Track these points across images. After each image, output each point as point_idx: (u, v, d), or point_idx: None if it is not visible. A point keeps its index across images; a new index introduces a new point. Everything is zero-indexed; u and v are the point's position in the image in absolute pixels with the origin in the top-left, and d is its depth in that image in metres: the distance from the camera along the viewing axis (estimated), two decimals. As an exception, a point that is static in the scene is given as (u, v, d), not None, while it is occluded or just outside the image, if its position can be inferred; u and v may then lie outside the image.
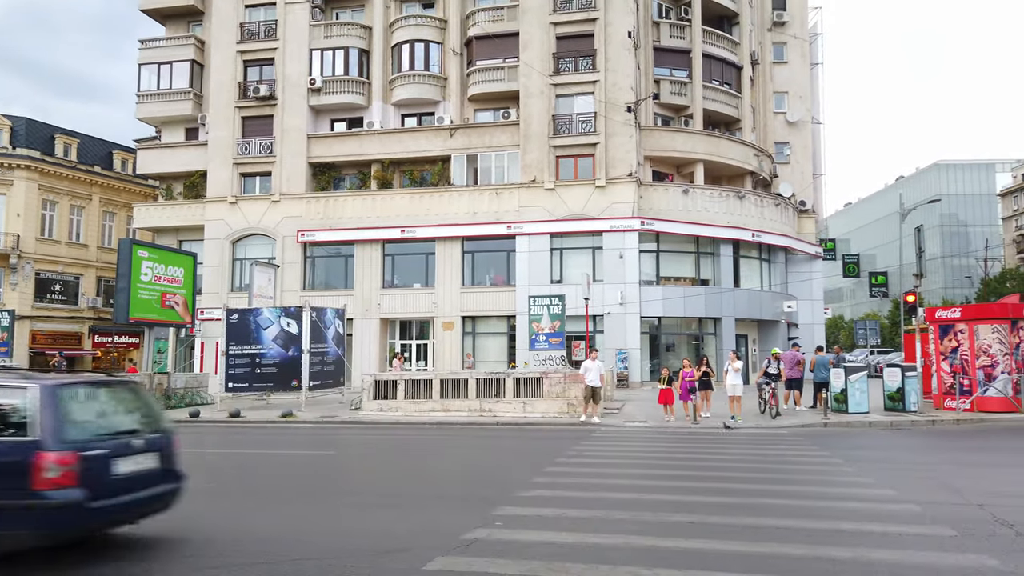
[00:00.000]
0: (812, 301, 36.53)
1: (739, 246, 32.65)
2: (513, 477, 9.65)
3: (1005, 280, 66.33)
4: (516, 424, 17.51)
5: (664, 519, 6.97)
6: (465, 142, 32.29)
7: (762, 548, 5.91)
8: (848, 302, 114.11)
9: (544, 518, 7.12)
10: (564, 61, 31.31)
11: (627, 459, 11.62)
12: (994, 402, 17.77)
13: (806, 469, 10.39)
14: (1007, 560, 5.52)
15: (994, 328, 17.99)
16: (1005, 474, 10.02)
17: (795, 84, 38.34)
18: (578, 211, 30.34)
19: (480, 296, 31.27)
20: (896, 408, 18.00)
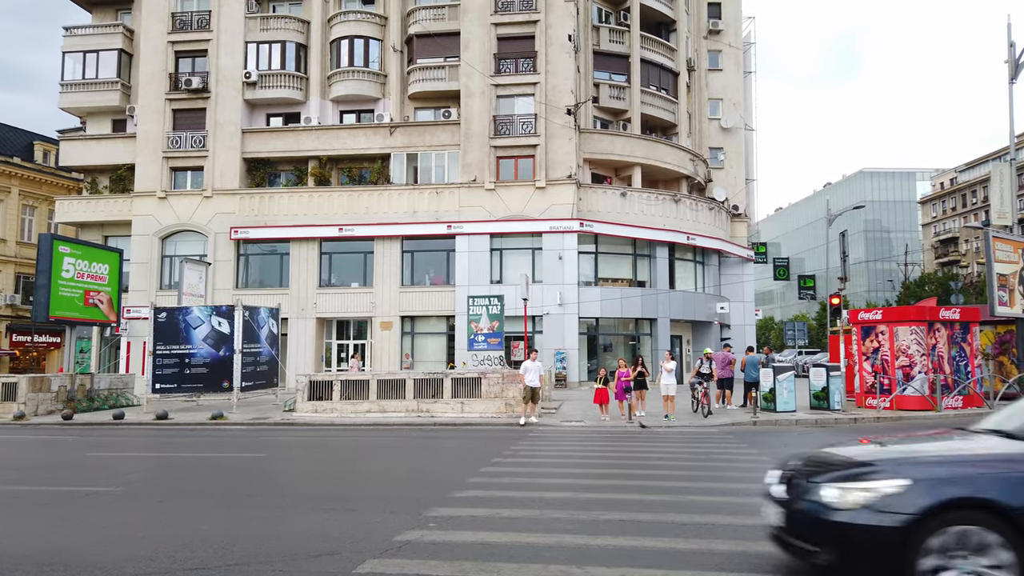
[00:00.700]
0: (744, 303, 37.57)
1: (675, 248, 33.34)
2: (448, 478, 9.61)
3: (924, 284, 69.51)
4: (454, 424, 17.46)
5: (597, 517, 7.05)
6: (405, 140, 32.05)
7: (690, 545, 6.04)
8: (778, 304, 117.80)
9: (478, 518, 7.12)
10: (505, 62, 31.40)
11: (562, 458, 11.71)
12: (912, 400, 18.61)
13: (734, 466, 10.67)
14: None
15: (912, 330, 18.84)
16: (920, 469, 10.48)
17: (729, 91, 39.36)
18: (518, 212, 30.46)
19: (419, 296, 31.09)
20: (821, 406, 18.65)
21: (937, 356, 18.91)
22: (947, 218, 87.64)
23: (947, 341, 19.13)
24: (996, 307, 20.34)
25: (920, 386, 18.61)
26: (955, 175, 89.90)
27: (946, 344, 19.10)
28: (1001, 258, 21.01)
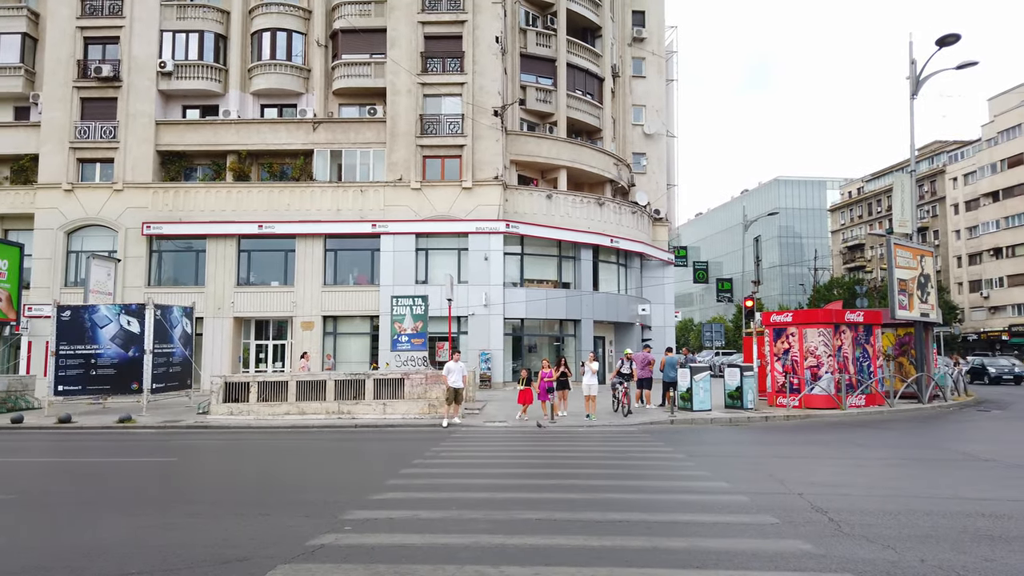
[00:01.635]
0: (664, 305, 38.51)
1: (599, 251, 33.88)
2: (367, 481, 9.48)
3: (833, 288, 72.74)
4: (376, 426, 17.23)
5: (515, 517, 7.10)
6: (329, 137, 31.45)
7: (604, 542, 6.15)
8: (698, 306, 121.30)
9: (395, 521, 7.05)
10: (432, 61, 31.23)
11: (484, 459, 11.72)
12: (819, 399, 19.46)
13: (651, 464, 10.92)
14: (819, 544, 6.06)
15: (820, 332, 19.72)
16: (824, 465, 11.00)
17: (652, 98, 40.28)
18: (444, 212, 30.34)
19: (342, 295, 30.54)
20: (735, 405, 19.30)
21: (843, 357, 19.85)
22: (854, 225, 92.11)
23: (852, 343, 20.11)
24: (897, 311, 21.52)
25: (827, 386, 19.48)
26: (862, 184, 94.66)
27: (851, 345, 20.07)
28: (902, 264, 22.24)
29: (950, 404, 22.08)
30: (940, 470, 10.36)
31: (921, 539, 6.20)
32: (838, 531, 6.49)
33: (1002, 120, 70.12)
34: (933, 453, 12.15)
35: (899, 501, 7.87)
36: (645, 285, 37.64)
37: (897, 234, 24.11)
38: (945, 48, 22.10)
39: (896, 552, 5.79)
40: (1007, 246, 69.51)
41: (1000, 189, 70.09)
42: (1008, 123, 69.34)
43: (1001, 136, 70.15)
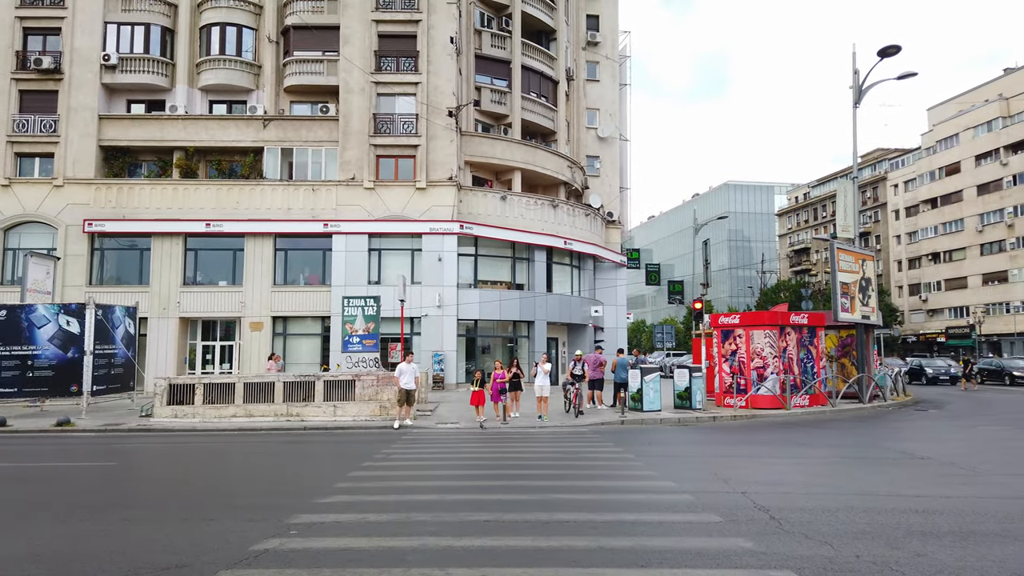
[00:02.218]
0: (617, 306, 38.93)
1: (552, 252, 34.08)
2: (315, 483, 9.37)
3: (780, 291, 74.51)
4: (326, 428, 17.02)
5: (463, 518, 7.09)
6: (280, 134, 30.96)
7: (551, 542, 6.18)
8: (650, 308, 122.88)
9: (342, 524, 6.98)
10: (386, 60, 31.00)
11: (435, 461, 11.68)
12: (765, 399, 19.91)
13: (600, 465, 11.02)
14: (760, 542, 6.19)
15: (766, 334, 20.17)
16: (767, 464, 11.26)
17: (606, 101, 40.70)
18: (398, 212, 30.13)
19: (293, 296, 30.09)
20: (684, 406, 19.61)
21: (787, 358, 20.34)
22: (800, 230, 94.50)
23: (796, 344, 20.62)
24: (839, 313, 22.15)
25: (772, 386, 19.94)
26: (808, 190, 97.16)
27: (795, 347, 20.58)
28: (844, 268, 22.90)
29: (889, 404, 22.81)
30: (878, 468, 10.69)
31: (857, 535, 6.39)
32: (779, 529, 6.65)
33: (940, 130, 72.78)
34: (872, 452, 12.53)
35: (838, 499, 8.10)
36: (598, 287, 37.99)
37: (840, 239, 24.82)
38: (887, 59, 22.84)
39: (833, 548, 5.96)
40: (944, 251, 72.17)
41: (938, 196, 72.73)
42: (945, 132, 72.00)
43: (939, 145, 72.81)
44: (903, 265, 77.31)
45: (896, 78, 23.87)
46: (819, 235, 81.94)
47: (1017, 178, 64.40)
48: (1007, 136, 65.20)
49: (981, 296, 67.78)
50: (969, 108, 69.43)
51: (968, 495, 8.33)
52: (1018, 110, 64.94)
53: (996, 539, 6.25)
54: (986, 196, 67.37)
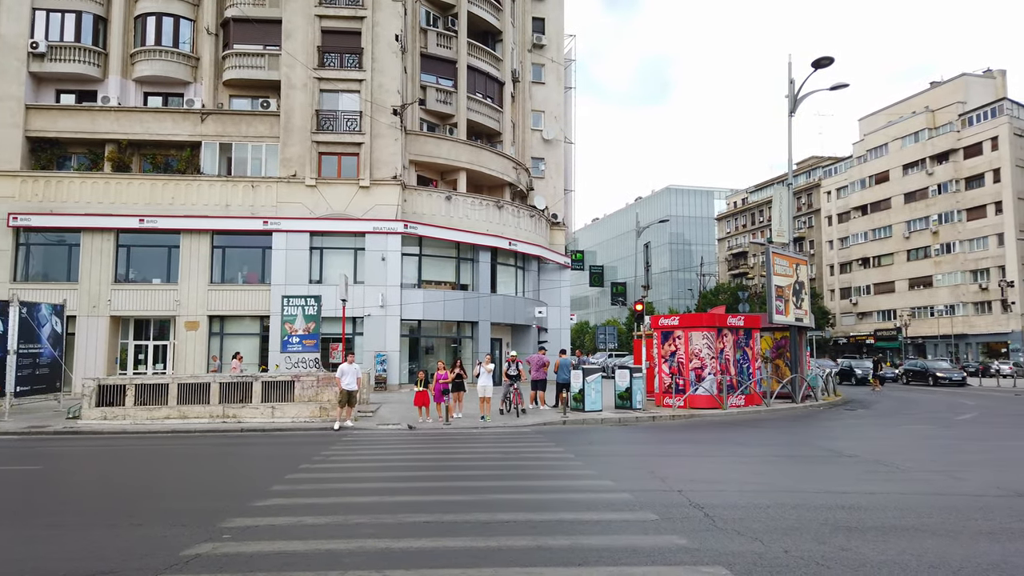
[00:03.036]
0: (560, 307, 39.22)
1: (497, 253, 34.12)
2: (250, 487, 9.16)
3: (719, 293, 76.27)
4: (263, 430, 16.66)
5: (402, 520, 7.04)
6: (218, 129, 30.17)
7: (490, 543, 6.20)
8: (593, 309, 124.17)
9: (278, 527, 6.85)
10: (330, 56, 30.55)
11: (375, 462, 11.56)
12: (703, 399, 20.35)
13: (541, 465, 11.10)
14: (694, 539, 6.33)
15: (704, 335, 20.63)
16: (703, 463, 11.51)
17: (551, 104, 40.99)
18: (340, 210, 29.71)
19: (231, 294, 29.35)
20: (625, 406, 19.89)
21: (724, 359, 20.84)
22: (739, 234, 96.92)
23: (733, 345, 21.15)
24: (774, 315, 22.81)
25: (710, 386, 20.40)
26: (746, 195, 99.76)
27: (732, 348, 21.11)
28: (779, 272, 23.59)
29: (820, 404, 23.59)
30: (808, 466, 11.06)
31: (786, 531, 6.60)
32: (712, 525, 6.81)
33: (871, 139, 75.69)
34: (803, 450, 12.94)
35: (769, 496, 8.34)
36: (542, 288, 38.21)
37: (776, 243, 25.55)
38: (821, 70, 23.63)
39: (763, 544, 6.14)
40: (874, 256, 75.07)
41: (868, 203, 75.63)
42: (876, 142, 74.91)
43: (870, 154, 75.71)
44: (835, 269, 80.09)
45: (829, 88, 24.73)
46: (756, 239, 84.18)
47: (942, 187, 67.45)
48: (932, 147, 68.24)
49: (908, 300, 70.75)
50: (898, 119, 72.42)
51: (891, 491, 8.68)
52: (943, 122, 68.03)
53: (916, 533, 6.54)
54: (913, 204, 70.36)
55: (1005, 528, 6.72)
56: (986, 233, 63.43)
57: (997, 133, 62.53)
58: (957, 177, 65.83)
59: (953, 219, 66.20)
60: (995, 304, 62.55)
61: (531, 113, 40.42)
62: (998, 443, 14.06)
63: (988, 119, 63.75)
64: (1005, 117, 62.36)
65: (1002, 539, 6.33)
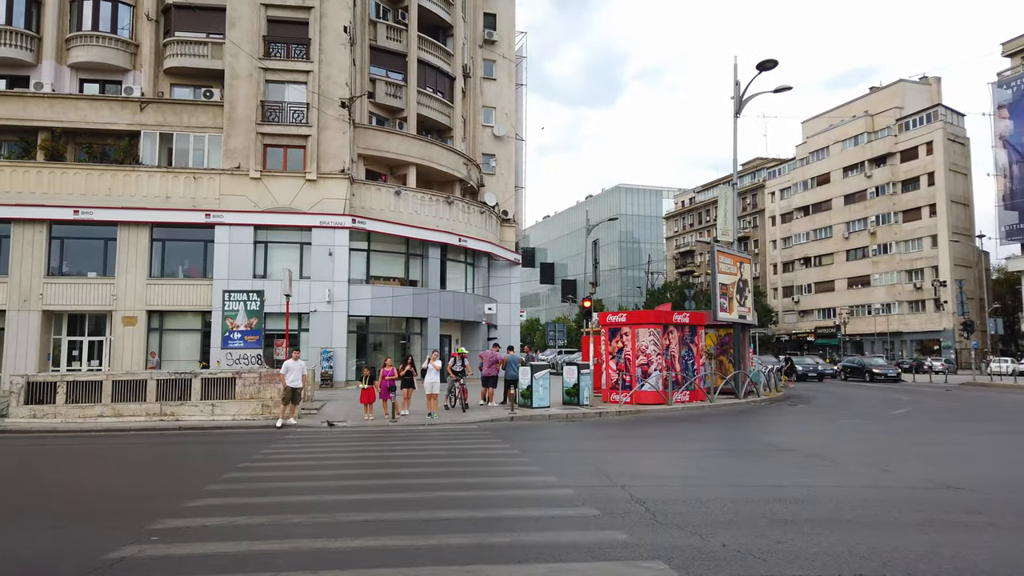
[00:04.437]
0: (510, 304, 39.22)
1: (447, 249, 33.90)
2: (184, 486, 8.86)
3: (666, 291, 77.46)
4: (203, 428, 16.22)
5: (341, 519, 6.89)
6: (159, 118, 29.22)
7: (430, 541, 6.10)
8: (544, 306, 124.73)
9: (210, 528, 6.62)
10: (276, 46, 29.87)
11: (317, 461, 11.32)
12: (649, 395, 20.57)
13: (486, 461, 11.03)
14: (634, 534, 6.35)
15: (650, 332, 20.85)
16: (647, 458, 11.62)
17: (502, 101, 40.90)
18: (286, 204, 29.10)
19: (171, 289, 28.49)
20: (572, 402, 19.99)
21: (670, 355, 21.11)
22: (686, 233, 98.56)
23: (679, 342, 21.44)
24: (718, 313, 23.21)
25: (656, 383, 20.64)
26: (693, 195, 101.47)
27: (678, 345, 21.39)
28: (724, 270, 24.00)
29: (762, 399, 24.10)
30: (748, 460, 11.25)
31: (725, 525, 6.67)
32: (653, 520, 6.85)
33: (813, 142, 77.76)
34: (744, 445, 13.18)
35: (710, 490, 8.44)
36: (492, 284, 38.14)
37: (721, 243, 26.00)
38: (766, 72, 24.08)
39: (702, 538, 6.19)
40: (815, 256, 77.19)
41: (810, 204, 77.71)
42: (818, 145, 77.00)
43: (812, 156, 77.77)
44: (778, 268, 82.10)
45: (773, 91, 25.22)
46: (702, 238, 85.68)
47: (880, 190, 69.74)
48: (871, 150, 70.48)
49: (847, 299, 72.97)
50: (839, 123, 74.57)
51: (827, 484, 8.88)
52: (882, 126, 70.31)
53: (849, 525, 6.68)
54: (852, 206, 72.58)
55: (933, 520, 6.92)
56: (921, 235, 65.82)
57: (932, 138, 64.91)
58: (894, 180, 68.14)
59: (890, 221, 68.51)
60: (928, 303, 64.97)
61: (482, 109, 40.27)
62: (928, 437, 14.56)
63: (924, 124, 66.13)
64: (939, 123, 64.77)
65: (930, 531, 6.51)
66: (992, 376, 42.44)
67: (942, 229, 63.77)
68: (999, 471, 10.22)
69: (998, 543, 6.07)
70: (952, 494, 8.21)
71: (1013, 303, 63.36)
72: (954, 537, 6.27)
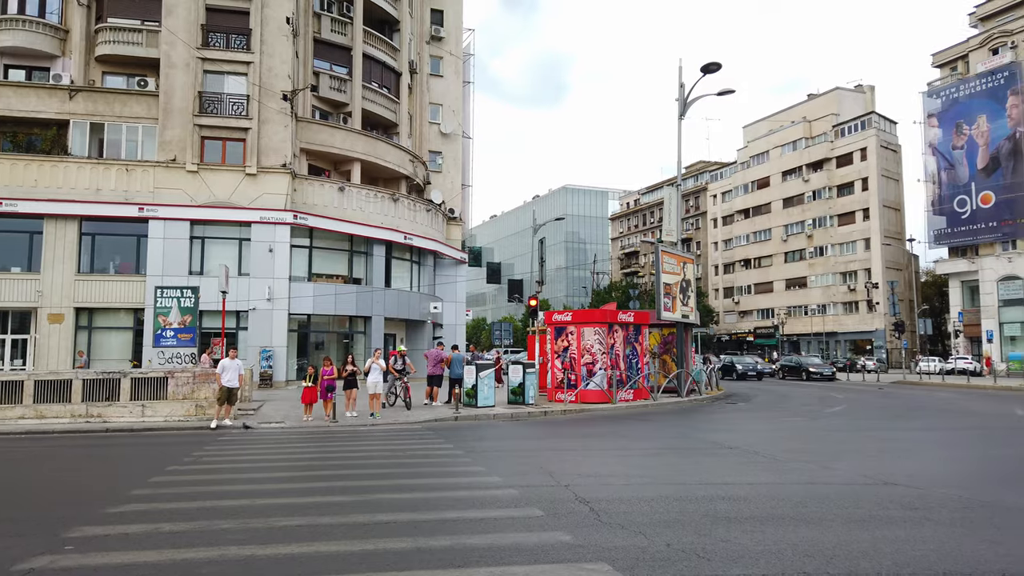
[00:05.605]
0: (456, 303, 38.94)
1: (392, 247, 33.44)
2: (106, 492, 8.37)
3: (612, 291, 78.24)
4: (132, 430, 15.50)
5: (273, 524, 6.57)
6: (90, 107, 28.03)
7: (366, 545, 5.85)
8: (491, 306, 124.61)
9: (130, 536, 6.22)
10: (215, 35, 28.97)
11: (251, 463, 10.89)
12: (594, 394, 20.59)
13: (429, 462, 10.79)
14: (578, 535, 6.21)
15: (596, 331, 20.87)
16: (591, 457, 11.54)
17: (449, 98, 40.58)
18: (225, 198, 28.25)
19: (101, 285, 27.36)
20: (518, 401, 19.86)
21: (615, 354, 21.18)
22: (631, 234, 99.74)
23: (623, 341, 21.53)
24: (662, 312, 23.40)
25: (600, 381, 20.67)
26: (639, 196, 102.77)
27: (622, 344, 21.48)
28: (668, 270, 24.23)
29: (704, 398, 24.41)
30: (692, 458, 11.28)
31: (669, 524, 6.60)
32: (597, 520, 6.73)
33: (754, 146, 79.61)
34: (687, 443, 13.24)
35: (654, 488, 8.39)
36: (438, 283, 37.78)
37: (665, 243, 26.26)
38: (710, 75, 24.39)
39: (646, 538, 6.09)
40: (754, 258, 79.04)
41: (750, 207, 79.55)
42: (758, 149, 78.86)
43: (752, 160, 79.61)
44: (719, 270, 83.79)
45: (716, 94, 25.59)
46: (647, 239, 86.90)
47: (816, 194, 71.80)
48: (809, 155, 72.52)
49: (785, 299, 74.91)
50: (778, 128, 76.50)
51: (769, 481, 8.93)
52: (819, 132, 72.40)
53: (791, 523, 6.68)
54: (790, 209, 74.56)
55: (873, 516, 6.99)
56: (855, 238, 68.00)
57: (866, 144, 67.14)
58: (830, 184, 70.24)
59: (826, 224, 70.59)
60: (862, 304, 67.18)
61: (429, 106, 39.87)
62: (864, 434, 14.90)
63: (858, 131, 68.35)
64: (873, 130, 67.04)
65: (870, 526, 6.56)
66: (921, 375, 44.06)
67: (875, 233, 66.01)
68: (932, 466, 10.48)
69: (935, 538, 6.15)
70: (889, 490, 8.34)
71: (940, 305, 66.02)
72: (893, 532, 6.32)
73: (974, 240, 53.58)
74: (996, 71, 52.01)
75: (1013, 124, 50.99)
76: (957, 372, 44.74)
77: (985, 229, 52.59)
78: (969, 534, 6.31)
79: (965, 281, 55.28)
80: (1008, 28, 52.01)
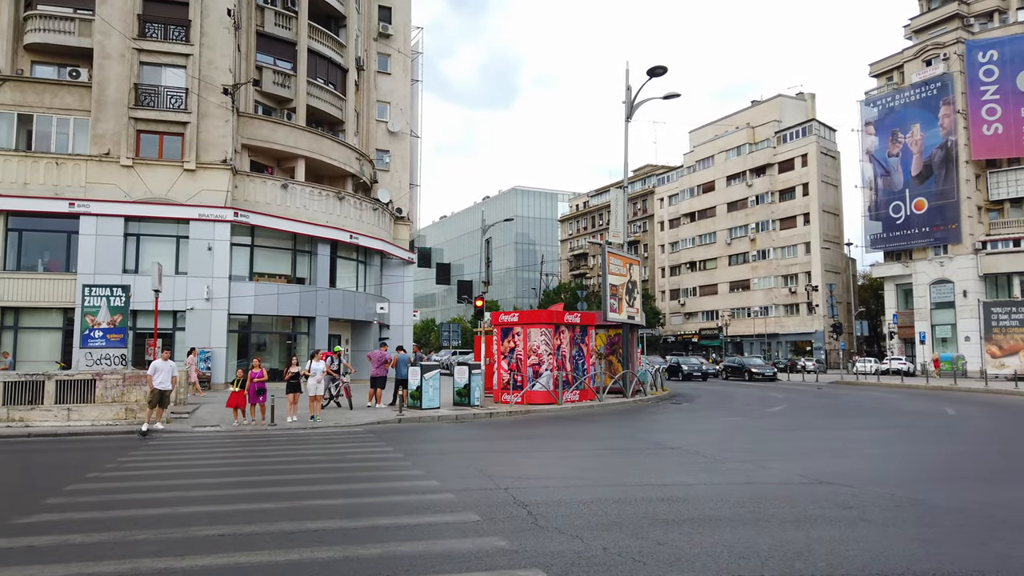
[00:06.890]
0: (403, 304, 38.47)
1: (337, 246, 32.82)
2: (17, 501, 7.87)
3: (561, 292, 78.55)
4: (56, 435, 14.77)
5: (194, 534, 6.24)
6: (17, 98, 26.77)
7: (291, 556, 5.58)
8: (440, 307, 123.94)
9: (37, 549, 5.82)
10: (153, 26, 27.98)
11: (179, 469, 10.44)
12: (540, 395, 20.52)
13: (367, 466, 10.51)
14: (514, 540, 6.05)
15: (542, 332, 20.81)
16: (533, 459, 11.43)
17: (397, 96, 40.09)
18: (162, 194, 27.29)
19: (28, 283, 26.13)
20: (463, 403, 19.65)
21: (561, 355, 21.15)
22: (580, 236, 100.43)
23: (569, 342, 21.52)
24: (608, 313, 23.49)
25: (546, 382, 20.61)
26: (588, 199, 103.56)
27: (569, 345, 21.47)
28: (614, 271, 24.34)
29: (649, 398, 24.60)
30: (633, 459, 11.26)
31: (607, 527, 6.50)
32: (534, 524, 6.59)
33: (699, 151, 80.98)
34: (629, 443, 13.24)
35: (593, 490, 8.30)
36: (385, 283, 37.25)
37: (612, 244, 26.39)
38: (656, 78, 24.60)
39: (583, 542, 5.98)
40: (700, 260, 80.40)
41: (696, 211, 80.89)
42: (704, 154, 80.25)
43: (698, 164, 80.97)
44: (666, 272, 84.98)
45: (663, 97, 25.86)
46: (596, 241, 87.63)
47: (759, 198, 73.41)
48: (752, 160, 74.12)
49: (729, 301, 76.39)
50: (724, 133, 78.00)
51: (708, 482, 8.94)
52: (762, 138, 74.05)
53: (728, 524, 6.66)
54: (735, 213, 76.09)
55: (808, 515, 7.02)
56: (796, 242, 69.73)
57: (807, 151, 68.95)
58: (772, 189, 71.91)
59: (768, 228, 72.24)
60: (802, 306, 68.92)
61: (376, 104, 39.31)
62: (802, 433, 15.16)
63: (800, 138, 70.15)
64: (813, 136, 68.90)
65: (805, 526, 6.58)
66: (858, 375, 45.39)
67: (815, 237, 67.81)
68: (866, 465, 10.67)
69: (869, 538, 6.18)
70: (825, 489, 8.42)
71: (876, 307, 68.20)
72: (828, 532, 6.35)
73: (908, 245, 55.49)
74: (929, 81, 54.00)
75: (945, 133, 53.01)
76: (892, 372, 46.25)
77: (919, 234, 54.54)
78: (901, 533, 6.37)
79: (900, 284, 57.22)
80: (941, 40, 54.03)
